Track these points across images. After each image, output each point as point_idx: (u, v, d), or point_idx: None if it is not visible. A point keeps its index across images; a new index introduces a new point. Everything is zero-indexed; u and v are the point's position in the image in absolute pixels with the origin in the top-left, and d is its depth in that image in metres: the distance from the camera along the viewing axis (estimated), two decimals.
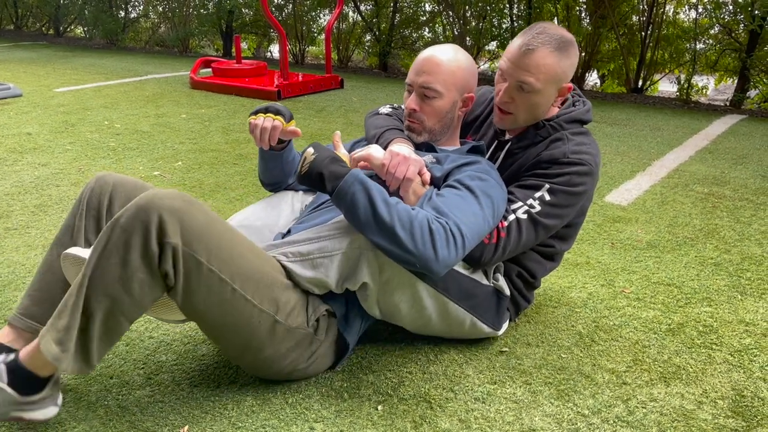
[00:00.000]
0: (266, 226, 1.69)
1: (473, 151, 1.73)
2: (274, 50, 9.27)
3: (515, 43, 1.63)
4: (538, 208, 1.61)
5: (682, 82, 6.06)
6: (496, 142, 1.79)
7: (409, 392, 1.58)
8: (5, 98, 5.04)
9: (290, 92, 5.37)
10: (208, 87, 5.61)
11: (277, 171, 1.80)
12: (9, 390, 1.32)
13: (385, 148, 1.63)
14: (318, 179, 1.43)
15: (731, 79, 6.49)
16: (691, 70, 5.93)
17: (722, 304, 2.05)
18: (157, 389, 1.59)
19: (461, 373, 1.66)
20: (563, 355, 1.75)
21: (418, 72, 1.65)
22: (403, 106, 1.90)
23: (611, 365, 1.71)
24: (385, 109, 1.86)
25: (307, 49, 8.36)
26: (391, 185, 1.53)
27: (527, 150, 1.71)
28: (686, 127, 4.62)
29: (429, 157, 1.64)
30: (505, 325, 1.78)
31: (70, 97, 5.17)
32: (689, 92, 5.95)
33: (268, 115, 1.65)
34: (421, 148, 1.71)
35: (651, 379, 1.65)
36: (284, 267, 1.49)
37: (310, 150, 1.45)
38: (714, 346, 1.81)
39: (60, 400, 1.45)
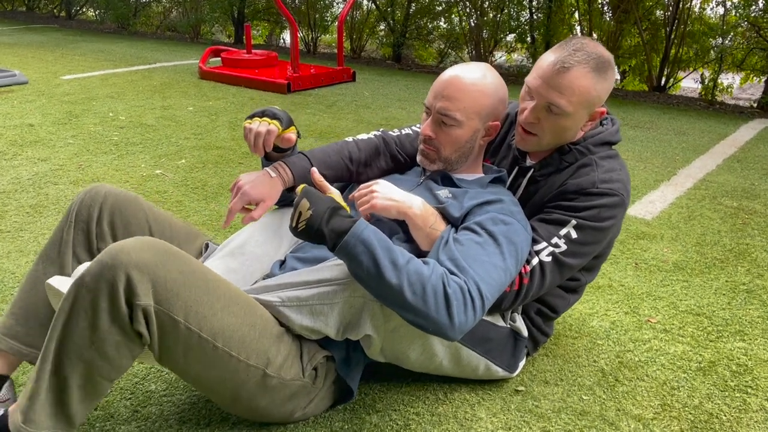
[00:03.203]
0: (266, 254, 1.54)
1: (495, 182, 1.57)
2: (287, 38, 9.10)
3: (548, 59, 1.45)
4: (563, 247, 1.46)
5: (706, 80, 5.85)
6: (517, 168, 1.63)
7: None
8: (11, 85, 4.93)
9: (300, 85, 5.22)
10: (217, 78, 5.47)
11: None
12: None
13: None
14: (317, 237, 1.27)
15: (757, 79, 6.27)
16: (717, 68, 5.72)
17: (756, 339, 1.90)
18: (143, 425, 1.47)
19: (473, 415, 1.53)
20: (584, 397, 1.61)
21: (438, 95, 1.47)
22: (404, 129, 1.75)
23: (637, 411, 1.56)
24: (362, 136, 1.70)
25: (319, 37, 8.18)
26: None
27: (551, 177, 1.55)
28: (712, 132, 4.43)
29: (445, 192, 1.48)
30: (522, 364, 1.64)
31: (76, 86, 5.05)
32: (714, 92, 5.74)
33: (263, 119, 1.49)
34: (437, 179, 1.55)
35: (681, 429, 1.51)
36: (277, 312, 1.35)
37: (305, 203, 1.27)
38: (749, 390, 1.66)
39: None
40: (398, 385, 1.63)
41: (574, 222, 1.46)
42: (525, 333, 1.58)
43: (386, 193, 1.39)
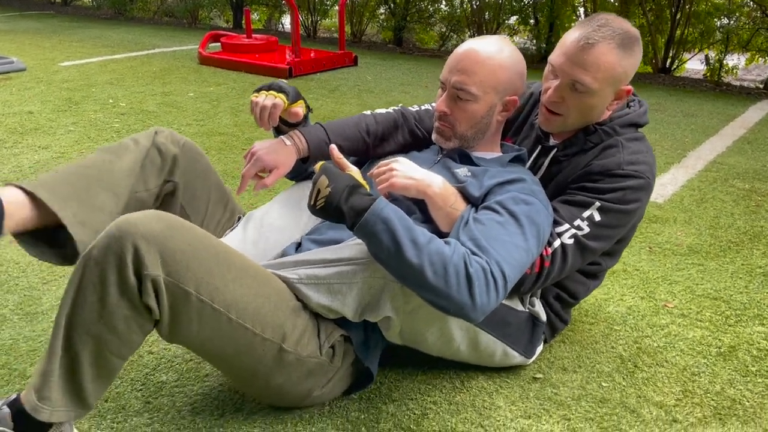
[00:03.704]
0: (287, 227, 1.51)
1: (515, 160, 1.53)
2: (286, 22, 9.00)
3: (572, 36, 1.40)
4: (585, 230, 1.42)
5: (712, 61, 5.78)
6: (540, 147, 1.58)
7: (433, 427, 1.42)
8: (9, 72, 4.86)
9: (302, 70, 5.15)
10: (217, 63, 5.40)
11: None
12: None
13: None
14: (336, 215, 1.23)
15: (763, 59, 6.20)
16: (723, 49, 5.65)
17: None
18: (156, 416, 1.44)
19: (491, 404, 1.50)
20: (604, 384, 1.58)
21: (453, 69, 1.43)
22: (424, 105, 1.70)
23: (658, 397, 1.53)
24: (379, 110, 1.66)
25: (319, 21, 8.09)
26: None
27: (575, 158, 1.51)
28: (721, 114, 4.37)
29: (464, 170, 1.44)
30: (539, 350, 1.61)
31: (74, 72, 4.98)
32: (720, 73, 5.68)
33: (270, 92, 1.46)
34: (454, 157, 1.50)
35: (704, 415, 1.48)
36: (294, 288, 1.31)
37: (324, 180, 1.23)
38: None
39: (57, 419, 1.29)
40: (414, 373, 1.60)
41: (598, 204, 1.42)
42: (543, 318, 1.55)
43: (405, 171, 1.35)
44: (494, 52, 1.41)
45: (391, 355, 1.60)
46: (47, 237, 1.29)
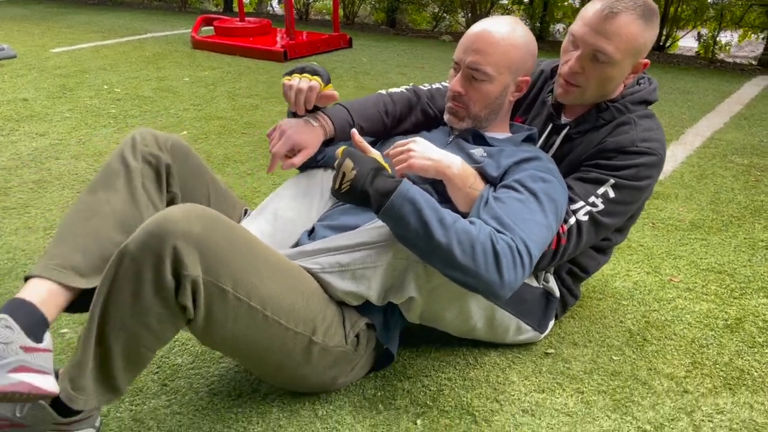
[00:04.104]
0: (299, 217, 1.51)
1: (527, 140, 1.53)
2: (274, 3, 8.91)
3: (594, 7, 1.40)
4: (600, 206, 1.43)
5: (705, 38, 5.78)
6: (551, 125, 1.59)
7: (449, 403, 1.44)
8: (0, 60, 4.81)
9: (297, 53, 5.11)
10: (211, 47, 5.35)
11: None
12: (51, 410, 1.18)
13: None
14: (362, 198, 1.23)
15: (755, 36, 6.20)
16: (716, 26, 5.65)
17: None
18: (173, 398, 1.45)
19: (505, 379, 1.52)
20: (614, 357, 1.60)
21: (467, 49, 1.42)
22: (435, 84, 1.70)
23: (669, 369, 1.56)
24: (395, 89, 1.65)
25: (311, 3, 8.02)
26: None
27: (588, 135, 1.51)
28: (716, 90, 4.39)
29: (480, 151, 1.45)
30: (551, 325, 1.63)
31: (66, 59, 4.92)
32: (714, 50, 5.68)
33: (304, 75, 1.45)
34: (467, 137, 1.51)
35: (714, 386, 1.50)
36: (318, 278, 1.32)
37: (349, 163, 1.23)
38: None
39: (98, 422, 1.30)
40: (428, 350, 1.61)
41: (612, 181, 1.43)
42: (557, 294, 1.57)
43: (424, 152, 1.35)
44: (508, 33, 1.42)
45: (404, 333, 1.61)
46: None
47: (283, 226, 1.48)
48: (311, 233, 1.50)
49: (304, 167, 1.65)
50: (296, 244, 1.48)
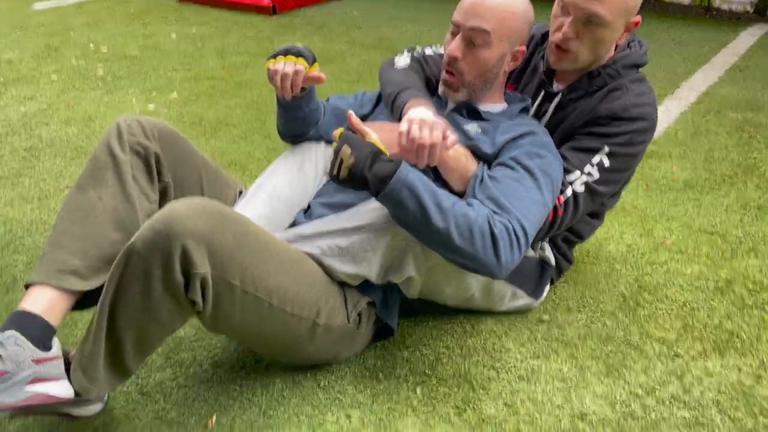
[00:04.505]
0: (294, 196, 1.51)
1: (522, 112, 1.52)
2: None
3: None
4: (596, 176, 1.44)
5: None
6: (543, 92, 1.58)
7: (448, 371, 1.48)
8: None
9: (286, 6, 5.00)
10: (197, 0, 5.22)
11: (297, 122, 1.57)
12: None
13: (401, 112, 1.41)
14: (360, 184, 1.23)
15: None
16: None
17: None
18: (178, 371, 1.49)
19: (501, 346, 1.56)
20: (608, 322, 1.64)
21: (468, 12, 1.38)
22: (426, 50, 1.67)
23: (660, 333, 1.60)
24: (403, 61, 1.60)
25: None
26: (417, 161, 1.29)
27: (580, 102, 1.51)
28: (712, 41, 4.33)
29: (474, 127, 1.44)
30: (546, 291, 1.66)
31: (50, 16, 4.79)
32: None
33: (288, 58, 1.41)
34: (462, 111, 1.50)
35: (704, 349, 1.55)
36: (318, 261, 1.33)
37: (347, 150, 1.22)
38: (766, 307, 1.70)
39: (106, 397, 1.34)
40: (425, 319, 1.65)
41: (607, 149, 1.44)
42: (553, 262, 1.59)
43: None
44: (509, 0, 1.39)
45: (403, 303, 1.64)
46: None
47: (279, 206, 1.48)
48: (307, 211, 1.51)
49: (295, 142, 1.63)
50: (293, 224, 1.49)
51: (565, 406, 1.38)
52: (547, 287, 1.67)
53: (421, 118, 1.28)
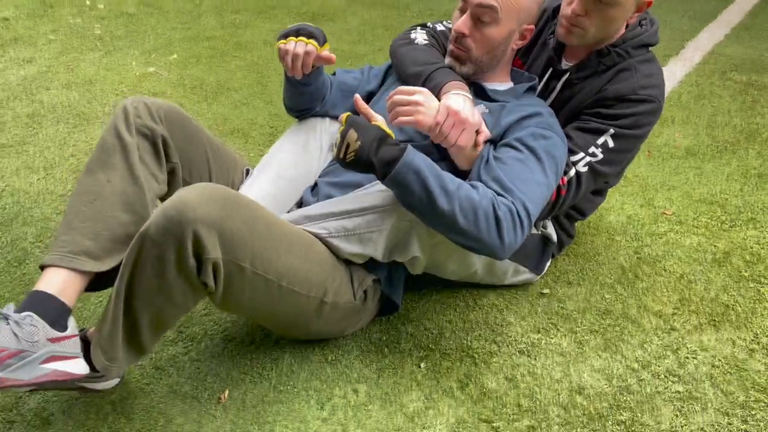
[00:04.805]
0: (300, 176, 1.53)
1: (528, 91, 1.52)
2: None
3: None
4: (599, 156, 1.46)
5: None
6: (551, 69, 1.58)
7: (450, 345, 1.53)
8: None
9: None
10: None
11: (305, 98, 1.59)
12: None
13: (437, 94, 1.40)
14: (366, 167, 1.25)
15: None
16: None
17: None
18: (190, 345, 1.54)
19: (503, 320, 1.61)
20: (607, 296, 1.68)
21: None
22: (437, 26, 1.66)
23: (658, 306, 1.65)
24: (421, 37, 1.59)
25: None
26: (442, 143, 1.34)
27: (588, 80, 1.51)
28: None
29: (481, 107, 1.44)
30: (547, 266, 1.70)
31: None
32: None
33: (299, 38, 1.42)
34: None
35: (700, 323, 1.60)
36: (325, 242, 1.36)
37: (353, 134, 1.24)
38: (762, 280, 1.74)
39: (122, 372, 1.39)
40: (429, 293, 1.69)
41: (612, 131, 1.45)
42: (555, 238, 1.62)
43: (429, 109, 1.32)
44: None
45: (407, 277, 1.68)
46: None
47: (285, 185, 1.50)
48: (313, 188, 1.53)
49: (301, 117, 1.64)
50: (300, 202, 1.52)
51: (563, 381, 1.44)
52: (549, 262, 1.70)
53: (457, 110, 1.30)
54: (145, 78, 2.95)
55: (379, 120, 1.30)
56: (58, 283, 1.21)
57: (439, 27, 1.64)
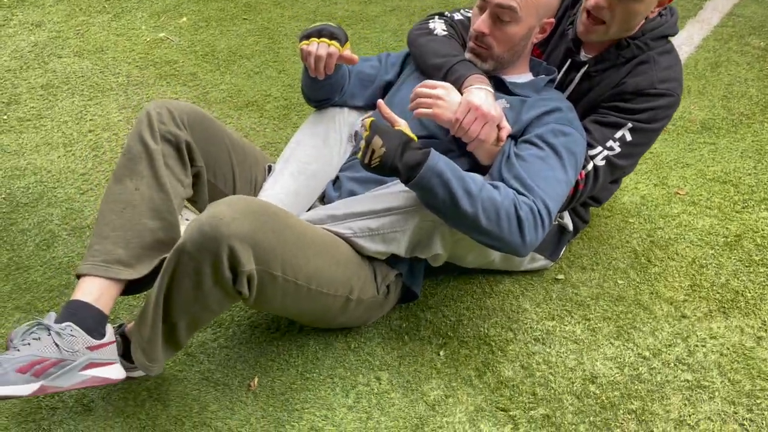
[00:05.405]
0: (321, 170, 1.57)
1: (547, 84, 1.53)
2: None
3: None
4: (617, 150, 1.48)
5: None
6: (570, 61, 1.58)
7: (468, 333, 1.59)
8: None
9: None
10: None
11: (324, 89, 1.61)
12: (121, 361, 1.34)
13: (459, 87, 1.42)
14: (391, 172, 1.29)
15: None
16: None
17: None
18: (219, 332, 1.60)
19: (518, 307, 1.66)
20: (619, 281, 1.73)
21: None
22: (455, 15, 1.65)
23: (669, 293, 1.70)
24: (440, 27, 1.58)
25: None
26: (463, 138, 1.38)
27: (607, 73, 1.52)
28: None
29: (502, 102, 1.45)
30: (562, 252, 1.74)
31: None
32: None
33: (322, 39, 1.44)
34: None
35: (710, 310, 1.65)
36: (350, 241, 1.41)
37: (378, 141, 1.26)
38: None
39: (162, 368, 1.47)
40: (446, 279, 1.74)
41: (630, 125, 1.47)
42: (571, 227, 1.66)
43: (450, 104, 1.36)
44: None
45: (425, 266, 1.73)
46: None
47: (307, 181, 1.54)
48: (335, 182, 1.56)
49: (321, 106, 1.66)
50: (322, 196, 1.56)
51: (577, 369, 1.51)
52: (564, 248, 1.74)
53: (479, 105, 1.33)
54: (156, 45, 2.93)
55: (402, 124, 1.33)
56: (95, 291, 1.27)
57: (457, 16, 1.64)
